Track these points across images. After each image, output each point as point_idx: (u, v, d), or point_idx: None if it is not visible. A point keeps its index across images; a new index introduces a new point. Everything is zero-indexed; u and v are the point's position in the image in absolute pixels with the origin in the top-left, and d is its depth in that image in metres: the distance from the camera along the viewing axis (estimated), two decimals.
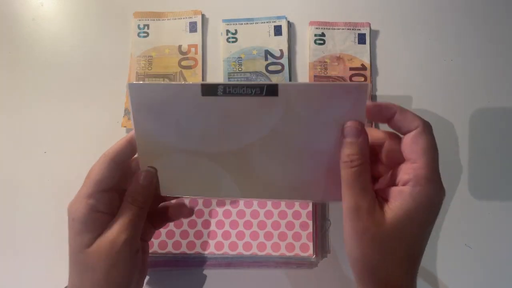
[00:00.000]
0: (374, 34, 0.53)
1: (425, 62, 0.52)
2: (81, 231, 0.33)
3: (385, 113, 0.31)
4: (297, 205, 0.43)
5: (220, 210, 0.43)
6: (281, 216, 0.43)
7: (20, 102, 0.51)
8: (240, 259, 0.44)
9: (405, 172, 0.29)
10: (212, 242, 0.42)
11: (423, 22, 0.54)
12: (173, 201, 0.40)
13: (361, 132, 0.30)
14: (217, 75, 0.52)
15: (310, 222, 0.43)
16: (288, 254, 0.42)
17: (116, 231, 0.33)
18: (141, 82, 0.35)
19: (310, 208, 0.43)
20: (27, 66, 0.53)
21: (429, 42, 0.53)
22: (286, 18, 0.53)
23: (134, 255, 0.34)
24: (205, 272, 0.45)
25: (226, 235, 0.42)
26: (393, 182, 0.31)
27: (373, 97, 0.51)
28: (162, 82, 0.35)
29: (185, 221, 0.42)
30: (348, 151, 0.30)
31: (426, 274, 0.45)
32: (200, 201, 0.43)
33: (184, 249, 0.42)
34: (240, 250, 0.42)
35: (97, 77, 0.52)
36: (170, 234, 0.42)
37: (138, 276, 0.36)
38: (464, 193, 0.47)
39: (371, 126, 0.37)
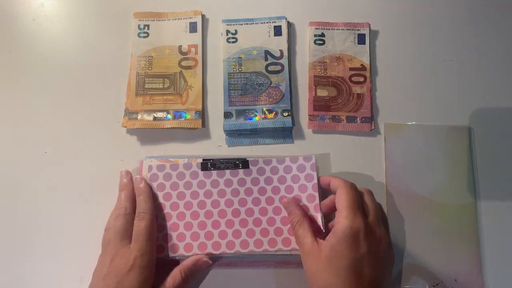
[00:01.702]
0: (373, 34, 0.53)
1: (425, 62, 0.52)
2: (148, 278, 0.39)
3: (325, 182, 0.43)
4: (304, 200, 0.44)
5: (215, 211, 0.43)
6: (276, 212, 0.43)
7: (21, 102, 0.51)
8: (240, 259, 0.44)
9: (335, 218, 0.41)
10: (209, 243, 0.42)
11: (423, 22, 0.54)
12: None
13: (290, 204, 0.43)
14: (217, 76, 0.52)
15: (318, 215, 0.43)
16: (285, 248, 0.42)
17: None
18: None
19: (316, 201, 0.43)
20: (28, 66, 0.53)
21: (429, 42, 0.53)
22: (286, 18, 0.53)
23: None
24: (205, 272, 0.45)
25: (223, 235, 0.43)
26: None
27: (373, 97, 0.51)
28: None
29: (180, 223, 0.43)
30: (290, 218, 0.43)
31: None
32: (195, 203, 0.43)
33: (181, 251, 0.42)
34: (238, 248, 0.42)
35: (98, 77, 0.52)
36: (168, 238, 0.43)
37: None
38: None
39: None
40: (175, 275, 0.41)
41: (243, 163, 0.44)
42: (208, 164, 0.44)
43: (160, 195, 0.44)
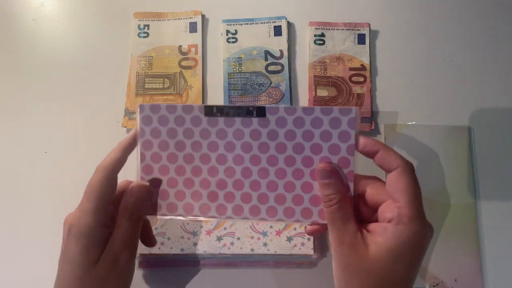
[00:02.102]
0: (373, 34, 0.53)
1: (425, 62, 0.52)
2: (89, 245, 0.33)
3: (369, 149, 0.33)
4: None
5: (221, 168, 0.36)
6: (296, 175, 0.35)
7: (21, 102, 0.51)
8: (240, 259, 0.44)
9: (390, 210, 0.31)
10: (213, 205, 0.36)
11: (423, 22, 0.54)
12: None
13: (332, 173, 0.33)
14: (217, 76, 0.52)
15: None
16: (304, 220, 0.35)
17: (119, 249, 0.33)
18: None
19: (351, 167, 0.35)
20: (28, 66, 0.53)
21: (429, 42, 0.53)
22: (286, 18, 0.53)
23: (134, 269, 0.36)
24: (205, 272, 0.45)
25: (230, 197, 0.36)
26: (378, 218, 0.33)
27: (373, 97, 0.51)
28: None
29: (179, 179, 0.36)
30: (325, 192, 0.33)
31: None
32: (197, 156, 0.36)
33: (180, 211, 0.36)
34: (246, 214, 0.36)
35: (97, 77, 0.52)
36: (164, 195, 0.37)
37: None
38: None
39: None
40: (120, 224, 0.34)
41: (258, 111, 0.35)
42: (213, 109, 0.35)
43: (155, 143, 0.36)
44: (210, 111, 0.36)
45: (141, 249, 0.44)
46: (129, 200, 0.35)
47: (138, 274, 0.45)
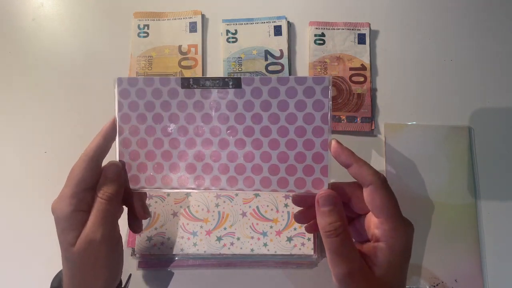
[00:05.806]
0: (374, 34, 0.53)
1: (425, 62, 0.52)
2: (66, 229, 0.33)
3: (342, 161, 0.33)
4: (309, 134, 0.36)
5: (198, 140, 0.37)
6: (272, 146, 0.36)
7: (21, 102, 0.51)
8: (240, 259, 0.44)
9: (375, 226, 0.32)
10: (191, 177, 0.36)
11: (423, 22, 0.54)
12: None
13: (337, 199, 0.33)
14: (217, 75, 0.52)
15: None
16: (279, 189, 0.36)
17: (91, 229, 0.33)
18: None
19: (325, 136, 0.35)
20: (27, 66, 0.53)
21: (429, 42, 0.53)
22: (286, 18, 0.53)
23: (116, 247, 0.35)
24: (205, 272, 0.45)
25: (207, 169, 0.36)
26: (364, 235, 0.34)
27: (373, 97, 0.51)
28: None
29: (157, 152, 0.36)
30: (329, 220, 0.32)
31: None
32: (175, 128, 0.36)
33: (159, 183, 0.36)
34: (224, 185, 0.36)
35: (97, 77, 0.52)
36: (143, 168, 0.37)
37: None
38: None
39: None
40: (93, 206, 0.34)
41: (234, 81, 0.35)
42: (189, 81, 0.36)
43: (133, 116, 0.36)
44: (187, 83, 0.36)
45: (141, 249, 0.44)
46: (101, 180, 0.35)
47: (138, 274, 0.45)
